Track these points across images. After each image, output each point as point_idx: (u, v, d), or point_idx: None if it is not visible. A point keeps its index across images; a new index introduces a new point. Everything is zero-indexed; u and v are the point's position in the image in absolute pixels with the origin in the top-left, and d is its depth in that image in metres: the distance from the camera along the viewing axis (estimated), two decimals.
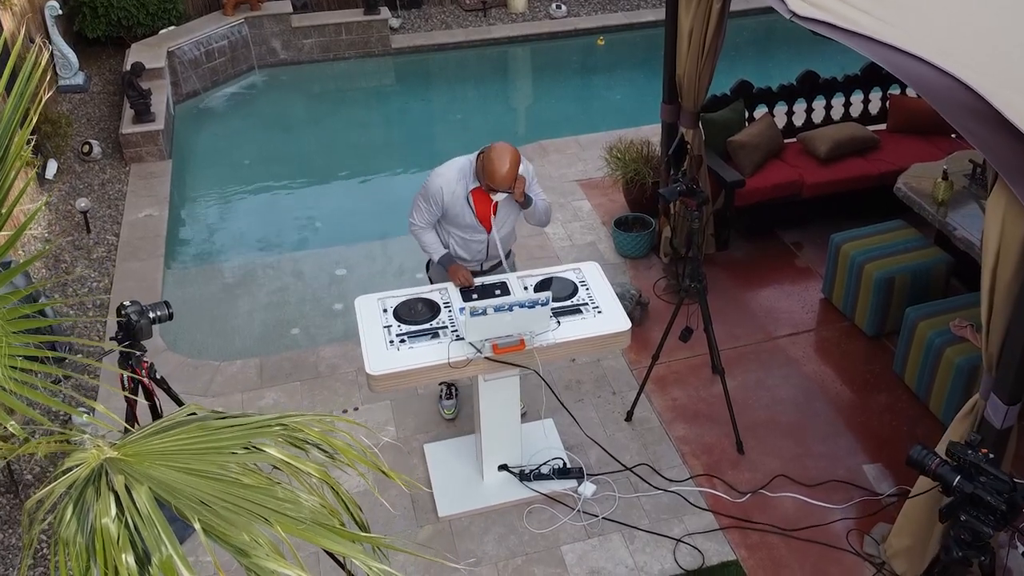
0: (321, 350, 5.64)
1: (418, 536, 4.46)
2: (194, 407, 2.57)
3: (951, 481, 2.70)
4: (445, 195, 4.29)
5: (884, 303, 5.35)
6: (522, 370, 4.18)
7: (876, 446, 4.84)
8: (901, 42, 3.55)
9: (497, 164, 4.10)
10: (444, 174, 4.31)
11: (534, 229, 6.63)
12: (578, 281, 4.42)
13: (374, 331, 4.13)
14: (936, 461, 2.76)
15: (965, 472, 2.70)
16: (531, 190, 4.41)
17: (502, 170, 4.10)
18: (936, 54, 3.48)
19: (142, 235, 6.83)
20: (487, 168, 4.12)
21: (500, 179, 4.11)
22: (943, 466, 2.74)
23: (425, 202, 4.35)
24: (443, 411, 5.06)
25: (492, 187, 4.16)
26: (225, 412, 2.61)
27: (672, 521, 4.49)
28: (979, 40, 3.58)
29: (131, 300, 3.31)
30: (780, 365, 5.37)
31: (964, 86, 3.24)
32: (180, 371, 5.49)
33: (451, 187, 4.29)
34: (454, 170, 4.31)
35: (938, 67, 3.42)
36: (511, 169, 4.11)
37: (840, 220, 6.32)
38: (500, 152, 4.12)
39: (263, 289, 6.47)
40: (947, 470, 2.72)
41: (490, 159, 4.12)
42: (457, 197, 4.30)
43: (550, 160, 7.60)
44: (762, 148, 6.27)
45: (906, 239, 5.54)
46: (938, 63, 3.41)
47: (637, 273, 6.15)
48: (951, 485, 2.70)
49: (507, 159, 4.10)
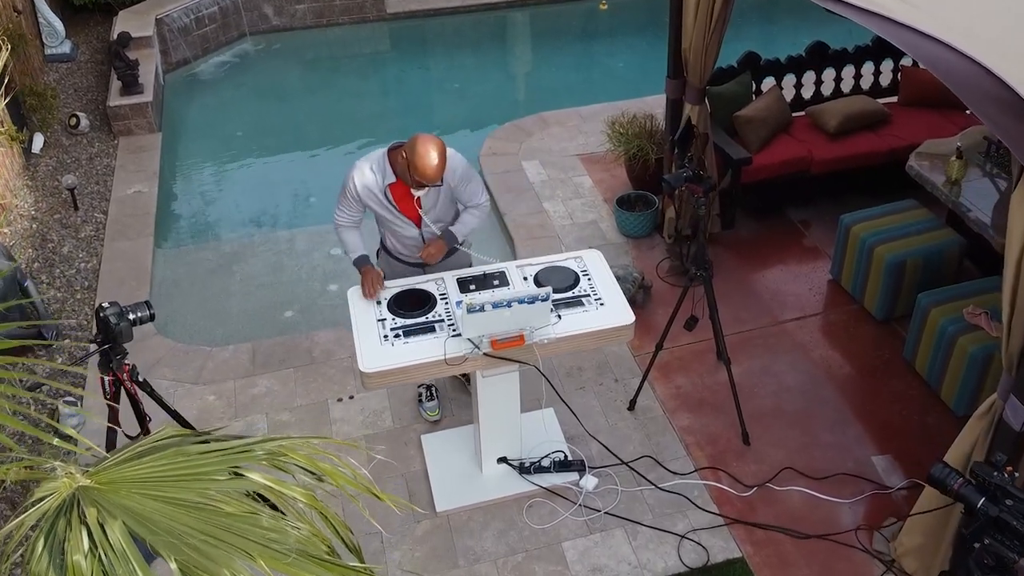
0: (315, 335, 5.49)
1: (415, 532, 4.35)
2: (170, 430, 2.42)
3: (975, 503, 2.57)
4: (360, 191, 4.05)
5: (895, 287, 5.19)
6: (521, 364, 4.03)
7: (885, 436, 4.70)
8: (920, 22, 3.36)
9: (425, 159, 3.76)
10: (359, 167, 4.05)
11: (533, 207, 6.47)
12: (579, 271, 4.25)
13: (367, 325, 3.97)
14: (959, 481, 2.62)
15: (990, 494, 2.56)
16: (465, 188, 4.14)
17: (431, 164, 3.77)
18: (958, 36, 3.29)
19: (131, 212, 6.65)
20: (415, 164, 3.79)
21: (431, 174, 3.81)
22: (966, 486, 2.60)
23: (345, 200, 4.12)
24: (425, 414, 4.88)
25: (422, 183, 3.89)
26: (206, 433, 2.46)
27: (676, 516, 4.37)
28: (1007, 21, 3.38)
29: (110, 301, 3.16)
30: (787, 351, 5.22)
31: (988, 72, 3.05)
32: (171, 357, 5.34)
33: (365, 182, 4.04)
34: (368, 165, 4.03)
35: (960, 51, 3.23)
36: (440, 161, 3.81)
37: (849, 197, 6.16)
38: (425, 145, 3.78)
39: (256, 269, 6.31)
40: (971, 491, 2.59)
41: (417, 154, 3.77)
42: (373, 193, 4.06)
43: (550, 133, 7.39)
44: (770, 123, 6.06)
45: (918, 220, 5.36)
46: (960, 46, 3.22)
47: (640, 254, 5.98)
48: (975, 507, 2.56)
49: (434, 151, 3.77)
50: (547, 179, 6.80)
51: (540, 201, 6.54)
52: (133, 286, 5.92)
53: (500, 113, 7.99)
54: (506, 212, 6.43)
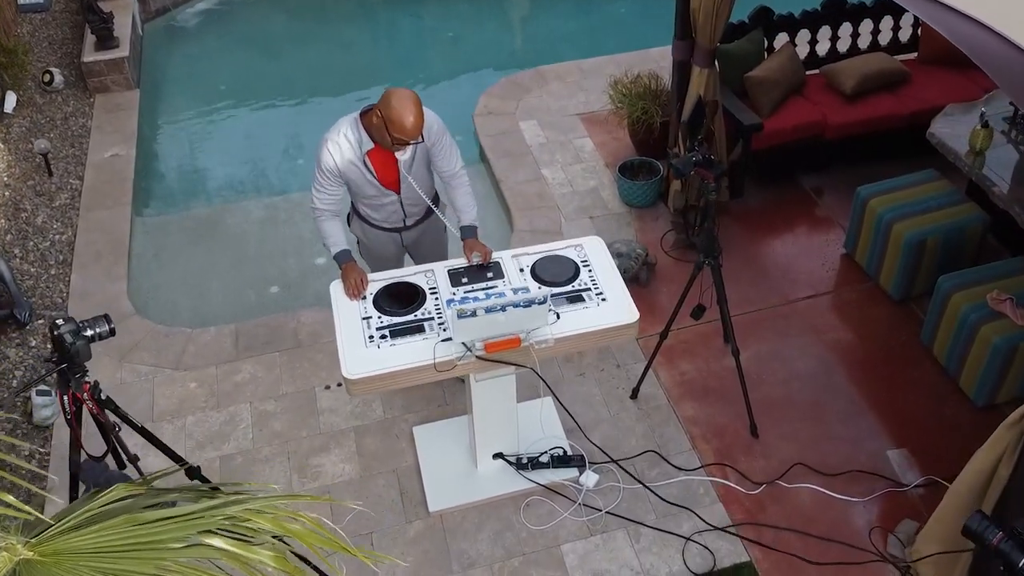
0: (301, 315, 5.22)
1: (407, 534, 4.14)
2: (121, 489, 2.16)
3: (1016, 562, 2.33)
4: (339, 164, 3.76)
5: (913, 266, 4.90)
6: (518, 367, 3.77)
7: (900, 428, 4.47)
8: None
9: (403, 112, 3.52)
10: (331, 140, 3.76)
11: (531, 173, 6.15)
12: (579, 261, 3.96)
13: (351, 324, 3.70)
14: (999, 536, 2.38)
15: None
16: (440, 147, 3.88)
17: (409, 118, 3.52)
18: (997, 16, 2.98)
19: (108, 179, 6.32)
20: (392, 120, 3.53)
21: (410, 128, 3.55)
22: (1007, 542, 2.37)
23: (323, 178, 3.81)
24: None
25: (400, 139, 3.59)
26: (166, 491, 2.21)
27: (681, 516, 4.16)
28: None
29: (65, 317, 2.88)
30: (797, 333, 4.96)
31: None
32: (150, 340, 5.08)
33: (343, 154, 3.76)
34: (340, 135, 3.75)
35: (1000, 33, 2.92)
36: (418, 112, 3.56)
37: (865, 163, 5.83)
38: (401, 99, 3.53)
39: (240, 240, 6.00)
40: (1012, 547, 2.35)
41: (392, 108, 3.52)
42: (353, 164, 3.78)
43: (550, 90, 7.01)
44: (782, 84, 5.70)
45: (939, 193, 5.05)
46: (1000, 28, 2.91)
47: (643, 225, 5.68)
48: (1016, 566, 2.33)
49: (411, 105, 3.53)
50: (546, 142, 6.46)
51: (538, 167, 6.21)
52: (110, 261, 5.63)
53: (498, 61, 7.62)
54: (503, 179, 6.11)
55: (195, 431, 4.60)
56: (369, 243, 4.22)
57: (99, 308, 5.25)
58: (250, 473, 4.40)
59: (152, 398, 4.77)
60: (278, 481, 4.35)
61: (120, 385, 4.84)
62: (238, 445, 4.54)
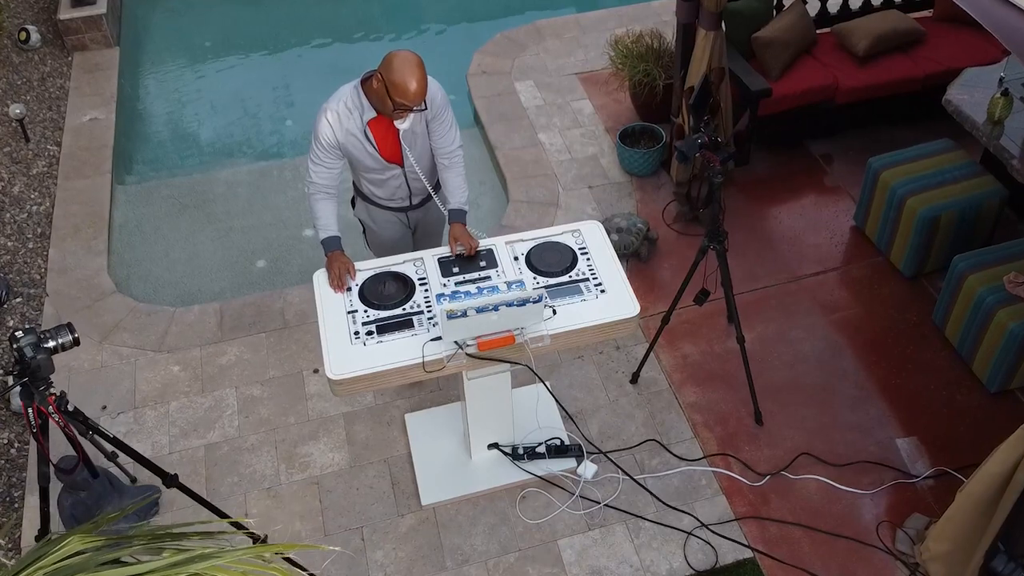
0: (287, 293, 5.02)
1: (399, 528, 4.00)
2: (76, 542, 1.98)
3: None
4: (339, 136, 3.53)
5: (926, 243, 4.69)
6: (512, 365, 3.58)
7: (910, 415, 4.31)
8: None
9: (405, 75, 3.30)
10: (330, 110, 3.51)
11: (528, 138, 5.90)
12: (577, 248, 3.75)
13: (336, 318, 3.50)
14: None
15: None
16: (442, 121, 3.66)
17: (412, 81, 3.30)
18: None
19: (87, 145, 6.06)
20: (395, 83, 3.30)
21: (414, 93, 3.32)
22: None
23: (321, 151, 3.57)
24: None
25: (403, 104, 3.35)
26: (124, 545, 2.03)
27: (682, 508, 4.02)
28: None
29: (25, 328, 2.69)
30: (804, 312, 4.77)
31: None
32: (131, 320, 4.89)
33: (343, 124, 3.52)
34: (340, 105, 3.51)
35: None
36: (422, 75, 3.33)
37: (876, 128, 5.59)
38: (404, 61, 3.31)
39: (225, 209, 5.77)
40: None
41: (395, 70, 3.30)
42: (352, 135, 3.54)
43: (547, 47, 6.71)
44: (792, 45, 5.42)
45: (954, 165, 4.81)
46: None
47: (644, 195, 5.44)
48: None
49: (414, 68, 3.31)
50: (543, 104, 6.19)
51: (535, 131, 5.95)
52: (90, 234, 5.41)
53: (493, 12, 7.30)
54: (498, 145, 5.85)
55: (179, 418, 4.44)
56: (376, 226, 3.99)
57: (79, 285, 5.07)
58: (236, 463, 4.25)
59: (134, 382, 4.60)
60: (265, 471, 4.20)
61: (101, 368, 4.66)
62: (223, 433, 4.38)
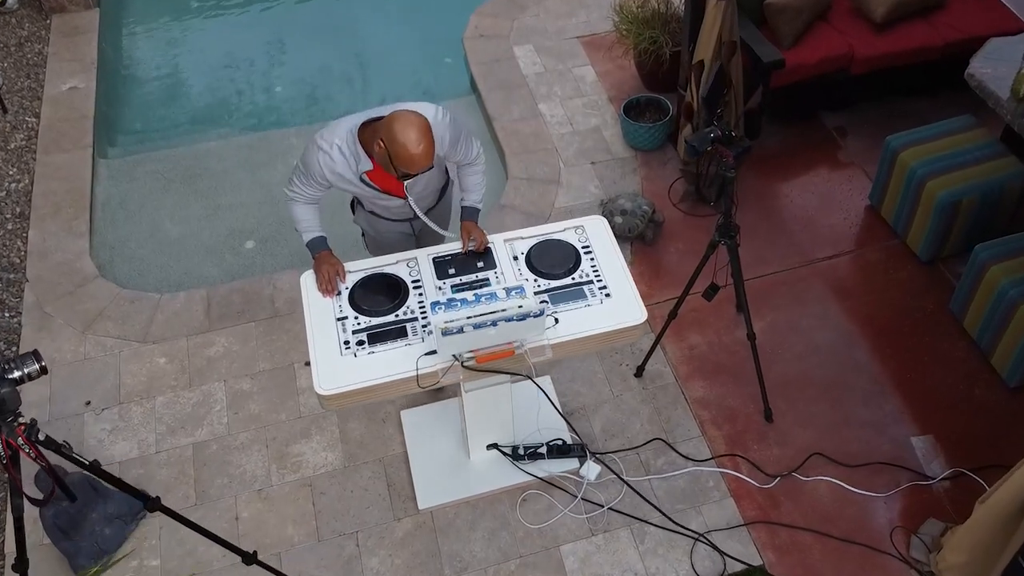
0: (277, 278, 4.81)
1: (395, 533, 3.86)
2: None
3: None
4: (328, 177, 3.24)
5: (945, 227, 4.48)
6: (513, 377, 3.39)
7: (926, 411, 4.14)
8: None
9: (408, 148, 2.96)
10: (323, 149, 3.20)
11: (527, 109, 5.64)
12: (580, 246, 3.54)
13: (325, 326, 3.30)
14: None
15: None
16: (456, 151, 3.39)
17: (417, 153, 2.98)
18: None
19: (66, 116, 5.80)
20: (398, 155, 2.99)
21: (420, 161, 3.00)
22: None
23: (307, 178, 3.28)
24: None
25: (408, 173, 3.06)
26: None
27: (689, 512, 3.87)
28: None
29: None
30: (816, 299, 4.57)
31: None
32: (114, 307, 4.69)
33: (335, 168, 3.21)
34: (335, 147, 3.19)
35: None
36: (426, 144, 2.99)
37: (893, 99, 5.34)
38: (404, 130, 2.96)
39: (213, 185, 5.52)
40: None
41: (396, 143, 2.96)
42: (347, 179, 3.26)
43: (547, 7, 6.40)
44: (806, 11, 5.13)
45: (976, 144, 4.57)
46: None
47: (650, 172, 5.20)
48: None
49: (415, 135, 2.97)
50: (543, 71, 5.91)
51: (535, 101, 5.69)
52: (71, 213, 5.18)
53: None
54: (496, 116, 5.59)
55: (165, 414, 4.27)
56: (377, 235, 3.76)
57: (60, 269, 4.87)
58: (226, 463, 4.09)
59: (119, 376, 4.42)
60: (256, 472, 4.05)
61: (84, 360, 4.48)
62: (212, 431, 4.21)
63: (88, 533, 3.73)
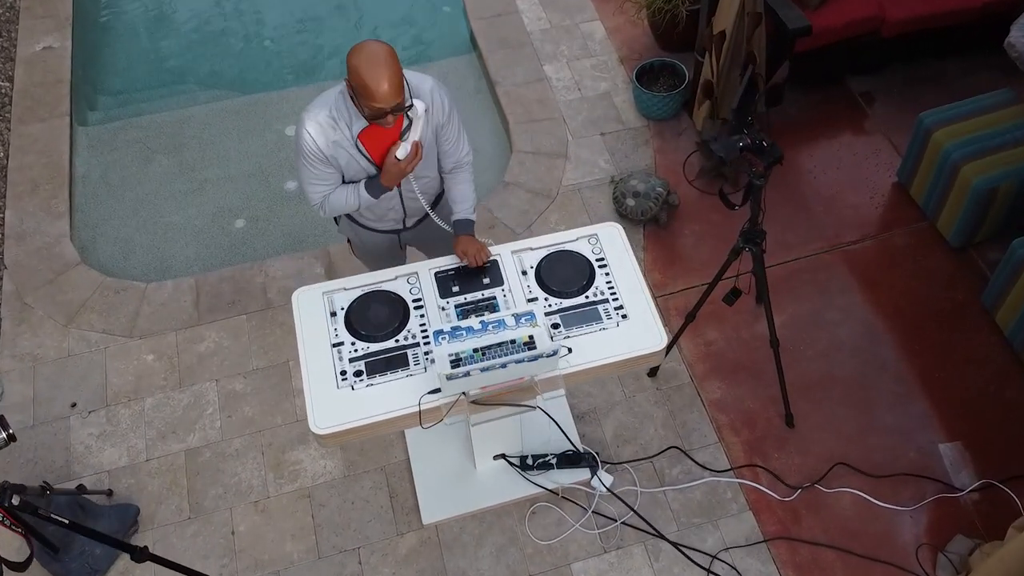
0: (268, 266, 4.55)
1: (399, 550, 3.69)
2: None
3: None
4: (323, 148, 2.94)
5: (980, 215, 4.20)
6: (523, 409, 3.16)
7: (955, 415, 3.93)
8: None
9: (372, 75, 2.69)
10: (312, 120, 2.92)
11: (532, 71, 5.29)
12: (594, 259, 3.27)
13: (320, 355, 3.05)
14: None
15: None
16: (449, 127, 3.09)
17: (381, 81, 2.69)
18: None
19: (41, 80, 5.43)
20: (360, 88, 2.73)
21: (384, 93, 2.71)
22: None
23: (310, 164, 2.99)
24: None
25: (376, 108, 2.75)
26: None
27: (705, 527, 3.70)
28: None
29: None
30: (840, 289, 4.32)
31: None
32: (98, 298, 4.44)
33: (326, 136, 2.92)
34: (324, 113, 2.91)
35: None
36: (393, 74, 2.71)
37: (923, 61, 4.99)
38: (368, 58, 2.70)
39: (201, 156, 5.20)
40: None
41: (360, 71, 2.69)
42: (341, 146, 2.96)
43: None
44: None
45: (1016, 123, 4.25)
46: None
47: (663, 143, 4.88)
48: None
49: (380, 63, 2.70)
50: (548, 27, 5.52)
51: (540, 62, 5.32)
52: (49, 191, 4.89)
53: None
54: (498, 80, 5.24)
55: (155, 417, 4.07)
56: (362, 244, 3.51)
57: (39, 254, 4.63)
58: (220, 471, 3.91)
59: (105, 374, 4.20)
60: (252, 482, 3.86)
61: (68, 357, 4.26)
62: (204, 436, 4.01)
63: (78, 553, 3.57)
